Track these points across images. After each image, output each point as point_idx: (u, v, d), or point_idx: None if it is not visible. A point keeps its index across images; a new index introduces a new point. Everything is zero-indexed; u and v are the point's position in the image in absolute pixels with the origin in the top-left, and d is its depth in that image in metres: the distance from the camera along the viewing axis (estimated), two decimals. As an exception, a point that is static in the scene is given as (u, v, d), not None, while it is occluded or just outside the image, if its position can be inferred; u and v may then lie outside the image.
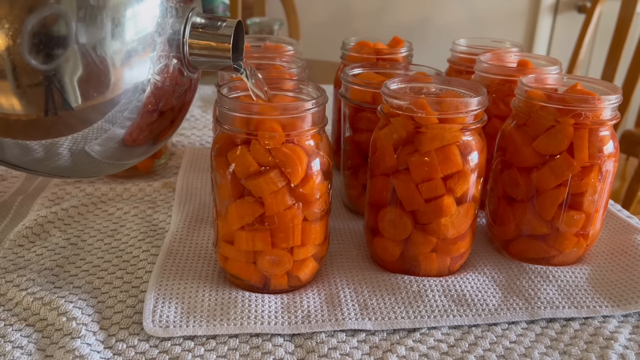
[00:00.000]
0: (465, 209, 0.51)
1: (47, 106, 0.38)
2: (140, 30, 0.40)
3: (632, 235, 0.59)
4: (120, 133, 0.43)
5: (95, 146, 0.43)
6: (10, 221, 0.64)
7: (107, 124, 0.41)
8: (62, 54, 0.37)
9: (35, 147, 0.41)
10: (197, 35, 0.45)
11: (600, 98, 0.50)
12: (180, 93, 0.47)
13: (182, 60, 0.45)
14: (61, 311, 0.47)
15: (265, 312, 0.48)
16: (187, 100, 0.49)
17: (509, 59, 0.66)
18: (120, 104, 0.41)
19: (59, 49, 0.37)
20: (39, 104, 0.38)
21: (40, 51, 0.36)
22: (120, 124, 0.42)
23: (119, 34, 0.39)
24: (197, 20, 0.45)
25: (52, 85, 0.38)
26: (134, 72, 0.41)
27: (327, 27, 2.17)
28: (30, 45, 0.36)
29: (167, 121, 0.47)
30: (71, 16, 0.37)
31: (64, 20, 0.37)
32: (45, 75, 0.37)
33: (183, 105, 0.49)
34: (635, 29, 1.48)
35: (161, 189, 0.70)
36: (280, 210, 0.46)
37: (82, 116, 0.40)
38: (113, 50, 0.39)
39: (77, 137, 0.41)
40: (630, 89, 1.40)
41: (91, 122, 0.41)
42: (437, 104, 0.48)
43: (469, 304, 0.50)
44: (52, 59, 0.37)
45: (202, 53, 0.45)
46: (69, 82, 0.38)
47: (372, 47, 0.70)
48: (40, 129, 0.40)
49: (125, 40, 0.39)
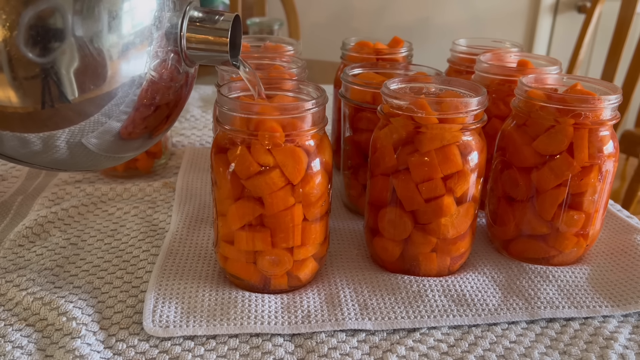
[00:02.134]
0: (465, 209, 0.51)
1: (44, 99, 0.38)
2: (138, 23, 0.40)
3: (632, 235, 0.59)
4: (117, 126, 0.43)
5: (92, 139, 0.42)
6: (10, 221, 0.64)
7: (103, 117, 0.41)
8: (58, 46, 0.37)
9: (32, 139, 0.41)
10: (195, 29, 0.45)
11: (600, 98, 0.50)
12: (176, 88, 0.47)
13: (179, 54, 0.45)
14: (61, 311, 0.47)
15: (265, 312, 0.48)
16: (184, 96, 0.49)
17: (509, 59, 0.66)
18: (117, 97, 0.41)
19: (56, 41, 0.37)
20: (35, 96, 0.38)
21: (37, 43, 0.36)
22: (117, 117, 0.42)
23: (116, 27, 0.39)
24: (195, 14, 0.45)
25: (49, 78, 0.37)
26: (131, 65, 0.41)
27: (327, 27, 2.17)
28: (26, 37, 0.36)
29: (162, 116, 0.47)
30: (68, 8, 0.37)
31: (61, 13, 0.36)
32: (42, 67, 0.37)
33: (179, 101, 0.49)
34: (635, 29, 1.48)
35: (161, 189, 0.70)
36: (280, 210, 0.47)
37: (78, 109, 0.40)
38: (110, 43, 0.38)
39: (74, 129, 0.41)
40: (630, 89, 1.40)
41: (88, 115, 0.40)
42: (437, 104, 0.48)
43: (469, 304, 0.50)
44: (48, 51, 0.37)
45: (200, 47, 0.45)
46: (65, 75, 0.38)
47: (372, 47, 0.70)
48: (37, 122, 0.40)
49: (123, 34, 0.39)
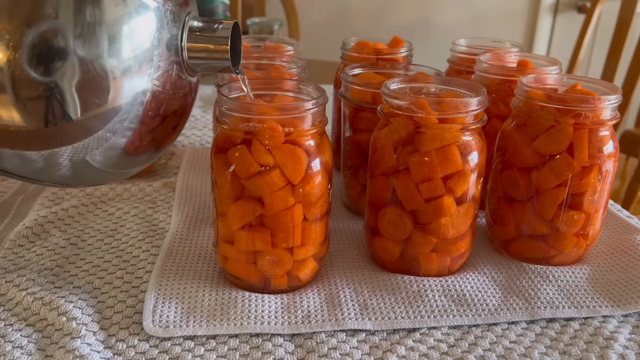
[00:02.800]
0: (465, 209, 0.51)
1: (47, 117, 0.38)
2: (139, 38, 0.41)
3: (632, 235, 0.59)
4: (122, 142, 0.43)
5: (97, 156, 0.43)
6: (10, 221, 0.64)
7: (108, 133, 0.42)
8: (60, 66, 0.37)
9: (35, 157, 0.41)
10: (195, 39, 0.45)
11: (600, 98, 0.50)
12: (180, 97, 0.47)
13: (181, 64, 0.45)
14: (61, 311, 0.47)
15: (265, 312, 0.48)
16: (188, 104, 0.49)
17: (509, 59, 0.66)
18: (121, 112, 0.41)
19: (58, 61, 0.37)
20: (39, 115, 0.38)
21: (40, 64, 0.37)
22: (121, 133, 0.42)
23: (117, 43, 0.39)
24: (194, 24, 0.45)
25: (52, 97, 0.38)
26: (134, 80, 0.41)
27: (327, 27, 2.17)
28: (29, 58, 0.36)
29: (169, 127, 0.48)
30: (69, 30, 0.37)
31: (62, 34, 0.37)
32: (45, 87, 0.37)
33: (184, 110, 0.49)
34: (635, 29, 1.48)
35: (161, 189, 0.70)
36: (280, 210, 0.47)
37: (83, 126, 0.40)
38: (112, 61, 0.39)
39: (78, 147, 0.41)
40: (630, 89, 1.40)
41: (93, 131, 0.41)
42: (437, 104, 0.48)
43: (469, 304, 0.50)
44: (51, 71, 0.37)
45: (201, 56, 0.46)
46: (68, 94, 0.38)
47: (372, 47, 0.70)
48: (40, 140, 0.40)
49: (124, 49, 0.40)
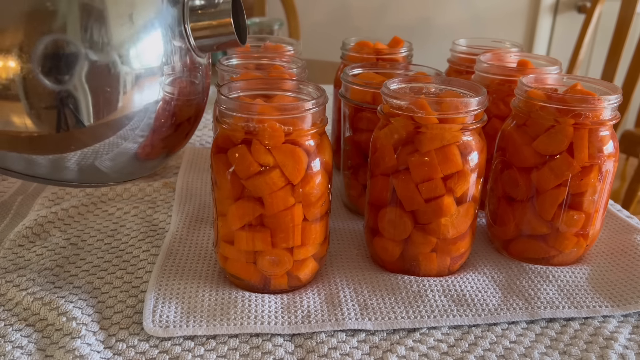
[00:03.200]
0: (465, 209, 0.51)
1: (59, 125, 0.39)
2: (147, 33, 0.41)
3: (632, 235, 0.59)
4: (134, 147, 0.44)
5: (106, 161, 0.44)
6: (10, 221, 0.64)
7: (119, 139, 0.42)
8: (71, 77, 0.38)
9: (41, 161, 0.42)
10: (197, 17, 0.46)
11: (600, 98, 0.50)
12: (193, 100, 0.47)
13: (188, 45, 0.46)
14: (61, 311, 0.47)
15: (265, 312, 0.48)
16: (201, 108, 0.50)
17: (509, 59, 0.66)
18: (134, 120, 0.42)
19: (69, 72, 0.38)
20: (51, 124, 0.39)
21: (51, 74, 0.37)
22: (133, 139, 0.43)
23: (126, 51, 0.40)
24: (195, 4, 0.46)
25: (64, 107, 0.38)
26: (146, 89, 0.42)
27: (327, 27, 2.17)
28: (41, 69, 0.37)
29: (182, 134, 0.48)
30: (79, 40, 0.37)
31: (74, 43, 0.37)
32: (57, 97, 0.38)
33: (197, 115, 0.49)
34: (635, 29, 1.48)
35: (161, 189, 0.70)
36: (280, 210, 0.47)
37: (95, 132, 0.41)
38: (125, 69, 0.40)
39: (93, 149, 0.42)
40: (630, 89, 1.40)
41: (107, 136, 0.42)
42: (437, 104, 0.48)
43: (469, 304, 0.50)
44: (62, 82, 0.38)
45: (205, 34, 0.46)
46: (81, 103, 0.39)
47: (372, 47, 0.70)
48: (51, 145, 0.41)
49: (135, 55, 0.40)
